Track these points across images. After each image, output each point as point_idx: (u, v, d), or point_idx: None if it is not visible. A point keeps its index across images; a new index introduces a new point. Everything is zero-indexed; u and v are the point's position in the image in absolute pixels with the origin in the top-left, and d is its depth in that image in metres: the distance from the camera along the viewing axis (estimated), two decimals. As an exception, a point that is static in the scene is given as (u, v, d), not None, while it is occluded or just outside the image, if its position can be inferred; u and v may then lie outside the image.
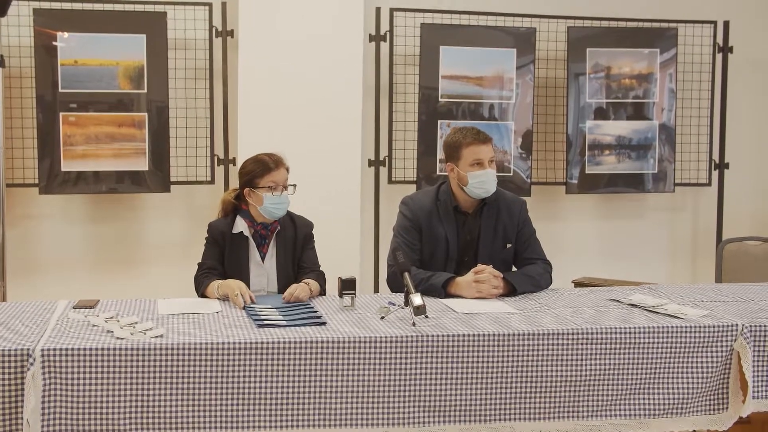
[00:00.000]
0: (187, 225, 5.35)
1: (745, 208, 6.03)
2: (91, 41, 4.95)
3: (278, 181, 3.60)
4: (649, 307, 3.28)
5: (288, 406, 2.73)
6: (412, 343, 2.81)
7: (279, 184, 3.59)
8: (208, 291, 3.48)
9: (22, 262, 5.14)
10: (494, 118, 5.43)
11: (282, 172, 3.63)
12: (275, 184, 3.59)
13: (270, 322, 2.95)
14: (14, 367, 2.57)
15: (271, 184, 3.59)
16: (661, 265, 6.01)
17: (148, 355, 2.65)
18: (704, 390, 3.01)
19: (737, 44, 5.75)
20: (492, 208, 3.76)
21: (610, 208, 5.96)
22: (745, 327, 3.02)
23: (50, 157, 4.91)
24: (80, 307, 3.20)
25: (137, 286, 5.20)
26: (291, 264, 3.68)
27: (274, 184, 3.59)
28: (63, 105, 4.91)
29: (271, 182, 3.59)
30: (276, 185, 3.59)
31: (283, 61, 5.13)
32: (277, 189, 3.59)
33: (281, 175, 3.62)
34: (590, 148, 5.58)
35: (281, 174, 3.62)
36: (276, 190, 3.59)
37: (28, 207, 5.17)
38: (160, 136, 5.04)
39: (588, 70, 5.55)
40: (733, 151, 5.84)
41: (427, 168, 5.36)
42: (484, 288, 3.47)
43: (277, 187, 3.59)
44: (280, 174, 3.62)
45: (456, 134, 3.74)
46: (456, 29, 5.43)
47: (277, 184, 3.59)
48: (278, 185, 3.59)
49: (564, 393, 2.91)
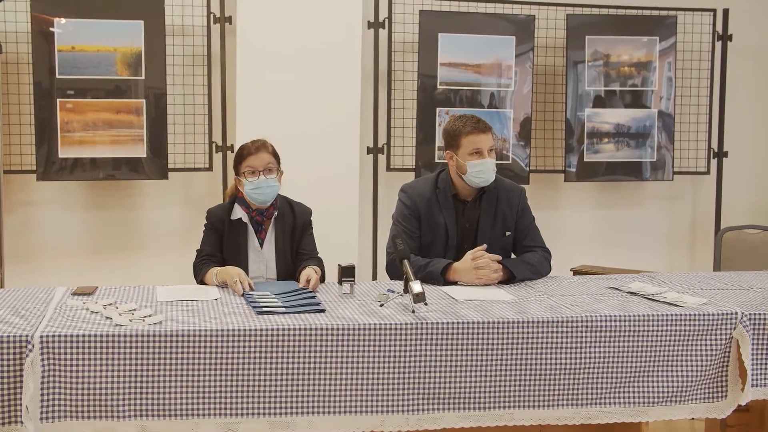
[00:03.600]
0: (185, 212, 5.34)
1: (744, 196, 6.03)
2: (88, 27, 4.92)
3: (255, 165, 3.57)
4: (648, 295, 3.28)
5: (287, 393, 2.74)
6: (412, 331, 2.81)
7: (257, 169, 3.56)
8: (207, 278, 3.47)
9: (20, 249, 5.13)
10: (493, 106, 5.42)
11: (261, 157, 3.59)
12: (252, 169, 3.57)
13: (269, 309, 2.95)
14: (13, 353, 2.57)
15: (248, 168, 3.57)
16: (659, 253, 6.01)
17: (147, 342, 2.65)
18: (703, 378, 3.01)
19: (736, 32, 5.74)
20: (491, 196, 3.76)
21: (608, 197, 5.95)
22: (745, 315, 3.02)
23: (47, 143, 4.89)
24: (78, 293, 3.20)
25: (135, 273, 5.19)
26: (290, 251, 3.68)
27: (251, 169, 3.57)
28: (60, 91, 4.89)
29: (248, 167, 3.57)
30: (253, 170, 3.56)
31: (281, 48, 5.11)
32: (254, 174, 3.57)
33: (260, 159, 3.58)
34: (589, 136, 5.57)
35: (260, 158, 3.59)
36: (254, 174, 3.56)
37: (26, 194, 5.15)
38: (157, 122, 5.03)
39: (587, 57, 5.54)
40: (732, 140, 5.84)
41: (425, 155, 5.35)
42: (483, 273, 3.47)
43: (254, 172, 3.57)
44: (259, 159, 3.58)
45: (455, 122, 3.72)
46: (455, 16, 5.41)
47: (255, 169, 3.56)
48: (256, 170, 3.56)
49: (563, 381, 2.91)
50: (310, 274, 3.40)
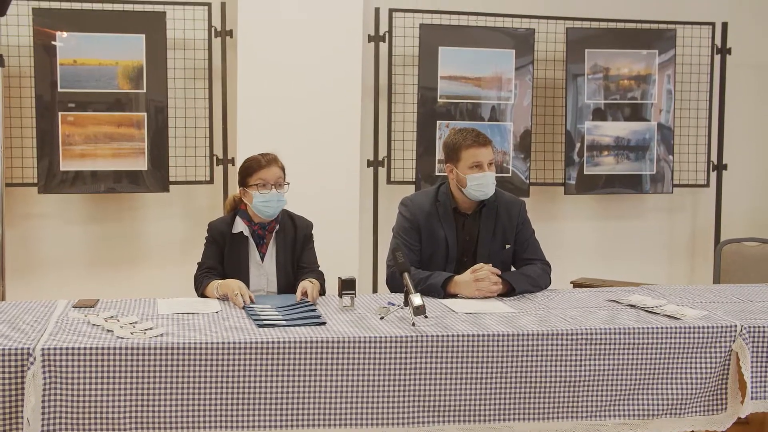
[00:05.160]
0: (186, 225, 5.36)
1: (744, 209, 6.04)
2: (90, 41, 4.95)
3: (267, 178, 3.58)
4: (648, 308, 3.28)
5: (287, 406, 2.74)
6: (412, 343, 2.81)
7: (268, 182, 3.57)
8: (208, 291, 3.48)
9: (21, 262, 5.14)
10: (493, 119, 5.44)
11: (273, 171, 3.60)
12: (264, 182, 3.57)
13: (269, 321, 2.96)
14: (15, 366, 2.57)
15: (259, 181, 3.57)
16: (659, 266, 6.02)
17: (148, 355, 2.65)
18: (703, 390, 3.01)
19: (735, 46, 5.76)
20: (491, 209, 3.76)
21: (608, 209, 5.96)
22: (744, 328, 3.02)
23: (49, 156, 4.90)
24: (80, 306, 3.20)
25: (136, 286, 5.20)
26: (290, 264, 3.68)
27: (262, 182, 3.57)
28: (62, 105, 4.91)
29: (260, 180, 3.57)
30: (265, 183, 3.57)
31: (282, 61, 5.13)
32: (265, 187, 3.57)
33: (272, 173, 3.59)
34: (588, 149, 5.59)
35: (272, 172, 3.59)
36: (264, 188, 3.57)
37: (27, 207, 5.16)
38: (159, 135, 5.04)
39: (586, 71, 5.56)
40: (732, 153, 5.85)
41: (425, 168, 5.36)
42: (483, 286, 3.48)
43: (265, 185, 3.57)
44: (271, 172, 3.59)
45: (456, 136, 3.73)
46: (455, 30, 5.43)
47: (266, 182, 3.57)
48: (267, 183, 3.57)
49: (563, 393, 2.91)
50: (305, 286, 3.41)
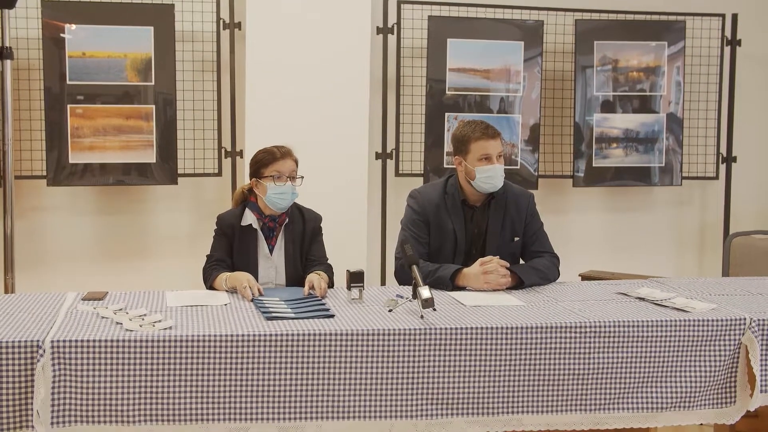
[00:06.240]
0: (194, 217, 5.36)
1: (753, 201, 6.02)
2: (98, 33, 4.95)
3: (282, 171, 3.59)
4: (657, 301, 3.28)
5: (296, 398, 2.75)
6: (420, 336, 2.82)
7: (283, 174, 3.58)
8: (217, 283, 3.48)
9: (31, 254, 5.15)
10: (502, 111, 5.42)
11: (288, 163, 3.62)
12: (279, 174, 3.58)
13: (278, 314, 2.96)
14: (24, 358, 2.58)
15: (274, 173, 3.58)
16: (668, 258, 6.01)
17: (157, 347, 2.66)
18: (712, 384, 3.01)
19: (745, 37, 5.73)
20: (500, 202, 3.76)
21: (617, 202, 5.95)
22: (753, 321, 3.02)
23: (58, 149, 4.91)
24: (89, 299, 3.21)
25: (145, 279, 5.21)
26: (299, 257, 3.69)
27: (278, 174, 3.58)
28: (71, 97, 4.92)
29: (275, 171, 3.59)
30: (280, 175, 3.58)
31: (291, 53, 5.12)
32: (281, 179, 3.58)
33: (287, 165, 3.61)
34: (597, 141, 5.57)
35: (287, 164, 3.61)
36: (280, 179, 3.58)
37: (36, 199, 5.18)
38: (167, 128, 5.05)
39: (595, 62, 5.54)
40: (741, 145, 5.83)
41: (434, 161, 5.36)
42: (491, 278, 3.47)
43: (281, 177, 3.58)
44: (286, 164, 3.61)
45: (464, 128, 3.73)
46: (463, 22, 5.42)
47: (281, 174, 3.58)
48: (282, 175, 3.58)
49: (571, 386, 2.91)
50: (312, 280, 3.41)
